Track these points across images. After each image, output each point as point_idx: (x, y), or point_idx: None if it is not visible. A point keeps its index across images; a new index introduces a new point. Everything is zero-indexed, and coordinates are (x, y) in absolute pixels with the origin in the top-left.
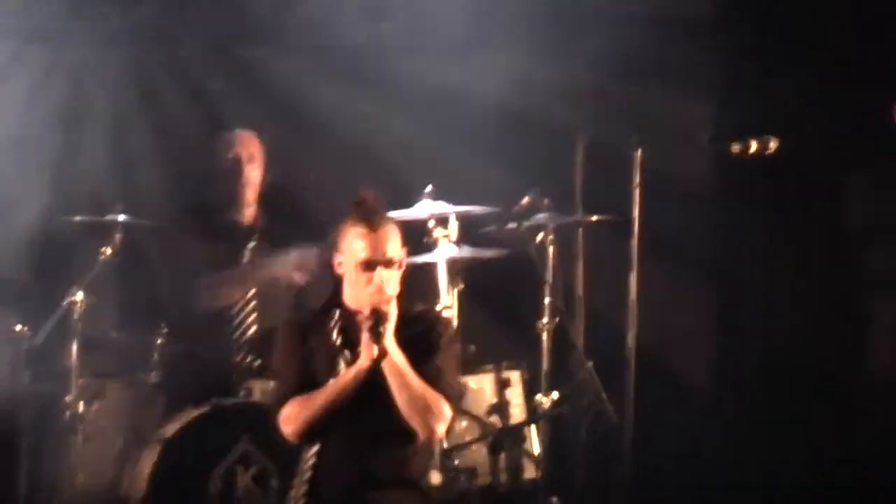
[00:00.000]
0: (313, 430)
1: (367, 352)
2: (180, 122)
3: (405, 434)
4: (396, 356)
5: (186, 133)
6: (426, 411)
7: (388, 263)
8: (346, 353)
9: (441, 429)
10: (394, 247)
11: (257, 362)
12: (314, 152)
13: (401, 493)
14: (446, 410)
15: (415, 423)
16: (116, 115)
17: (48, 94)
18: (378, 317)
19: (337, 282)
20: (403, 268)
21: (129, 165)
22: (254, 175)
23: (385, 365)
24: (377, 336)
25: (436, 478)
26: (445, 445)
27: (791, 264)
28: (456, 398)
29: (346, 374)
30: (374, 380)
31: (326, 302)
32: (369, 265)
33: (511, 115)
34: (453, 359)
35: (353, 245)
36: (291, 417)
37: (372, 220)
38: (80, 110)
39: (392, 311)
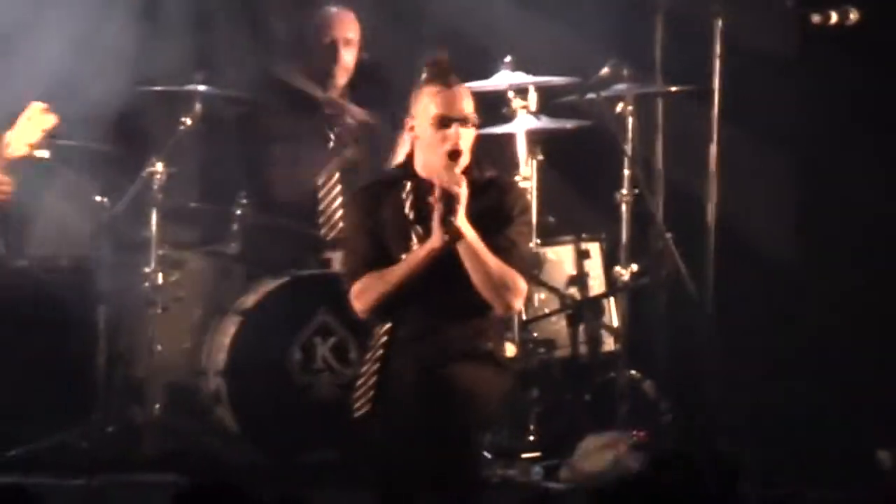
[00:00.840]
0: (385, 307)
1: (439, 233)
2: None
3: (479, 307)
4: (469, 235)
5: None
6: (502, 287)
7: (464, 120)
8: (418, 227)
9: (518, 304)
10: (468, 104)
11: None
12: (400, 28)
13: (476, 365)
14: (522, 284)
15: (490, 298)
16: None
17: None
18: (449, 199)
19: (409, 149)
20: (476, 130)
21: (211, 34)
22: (348, 59)
23: (458, 244)
24: (449, 220)
25: (511, 350)
26: (524, 317)
27: (871, 133)
28: (529, 269)
29: (418, 252)
30: (447, 255)
31: (398, 171)
32: (444, 121)
33: None
34: (526, 228)
35: (427, 104)
36: (363, 293)
37: (445, 79)
38: None
39: (463, 192)
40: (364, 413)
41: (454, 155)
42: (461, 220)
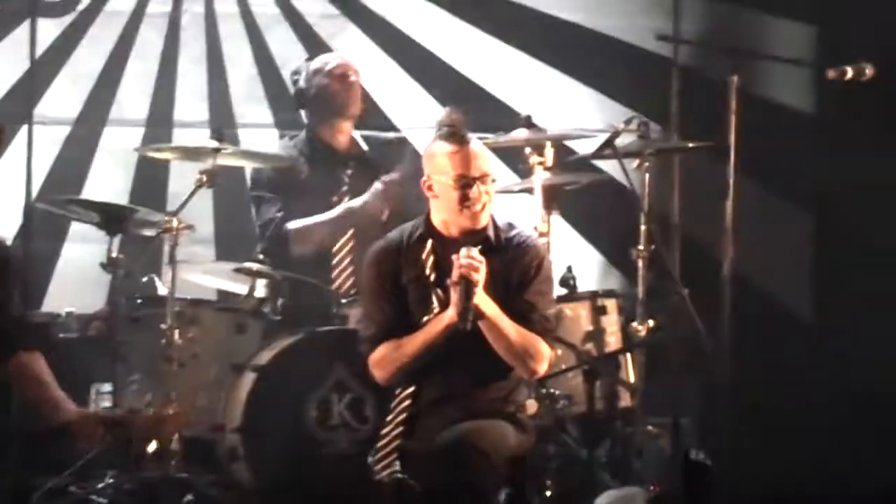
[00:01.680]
0: (404, 376)
1: (457, 310)
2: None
3: (502, 369)
4: (489, 311)
5: (285, 56)
6: (524, 355)
7: (483, 178)
8: (439, 290)
9: (541, 369)
10: (486, 162)
11: (353, 290)
12: (410, 77)
13: (499, 424)
14: (545, 350)
15: (514, 365)
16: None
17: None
18: (468, 285)
19: (427, 210)
20: (495, 187)
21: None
22: (354, 104)
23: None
24: (466, 308)
25: (533, 407)
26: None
27: (888, 189)
28: (551, 331)
29: (436, 325)
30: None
31: (416, 230)
32: (464, 181)
33: (607, 41)
34: (546, 287)
35: (444, 164)
36: (382, 364)
37: (461, 137)
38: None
39: (482, 276)
40: (387, 475)
41: (474, 217)
42: (480, 298)
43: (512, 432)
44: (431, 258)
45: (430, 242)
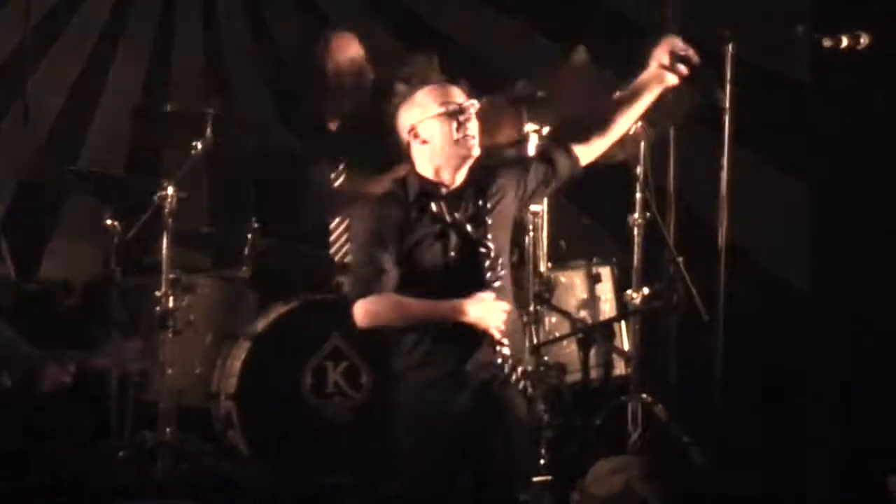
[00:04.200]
0: (392, 332)
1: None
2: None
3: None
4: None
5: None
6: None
7: (468, 107)
8: (452, 252)
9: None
10: (460, 93)
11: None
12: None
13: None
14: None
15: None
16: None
17: None
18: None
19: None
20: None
21: (222, 58)
22: (354, 85)
23: None
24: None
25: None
26: (535, 341)
27: (884, 157)
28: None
29: (447, 310)
30: (471, 277)
31: (413, 188)
32: (455, 109)
33: (604, 9)
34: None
35: (430, 102)
36: (374, 315)
37: (430, 77)
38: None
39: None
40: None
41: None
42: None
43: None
44: (437, 213)
45: (432, 200)
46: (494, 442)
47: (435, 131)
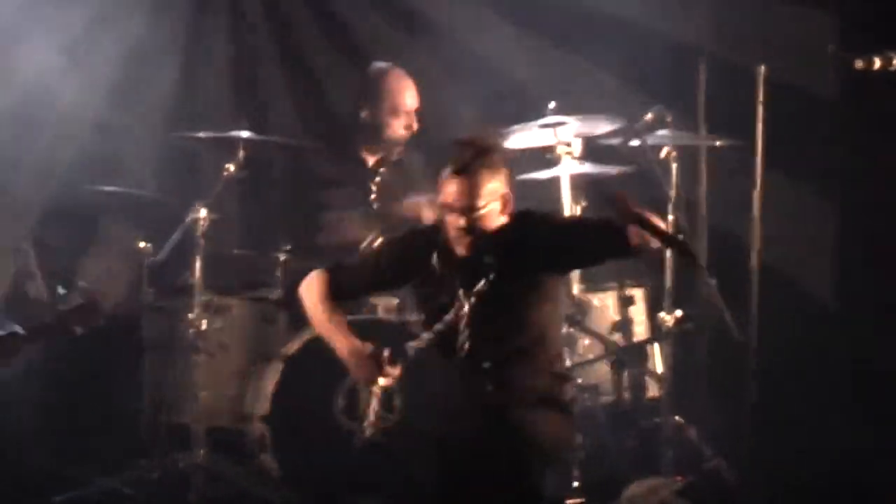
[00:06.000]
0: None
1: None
2: (315, 44)
3: (535, 348)
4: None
5: (322, 58)
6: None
7: (470, 211)
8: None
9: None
10: (475, 193)
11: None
12: (448, 75)
13: (540, 408)
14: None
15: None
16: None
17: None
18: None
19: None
20: (486, 210)
21: (254, 83)
22: (399, 119)
23: None
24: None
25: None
26: (569, 363)
27: None
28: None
29: (334, 336)
30: (501, 298)
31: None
32: (451, 210)
33: (637, 31)
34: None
35: (440, 188)
36: (309, 305)
37: (459, 164)
38: (206, 26)
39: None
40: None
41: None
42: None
43: (558, 418)
44: (450, 266)
45: (441, 253)
46: (504, 465)
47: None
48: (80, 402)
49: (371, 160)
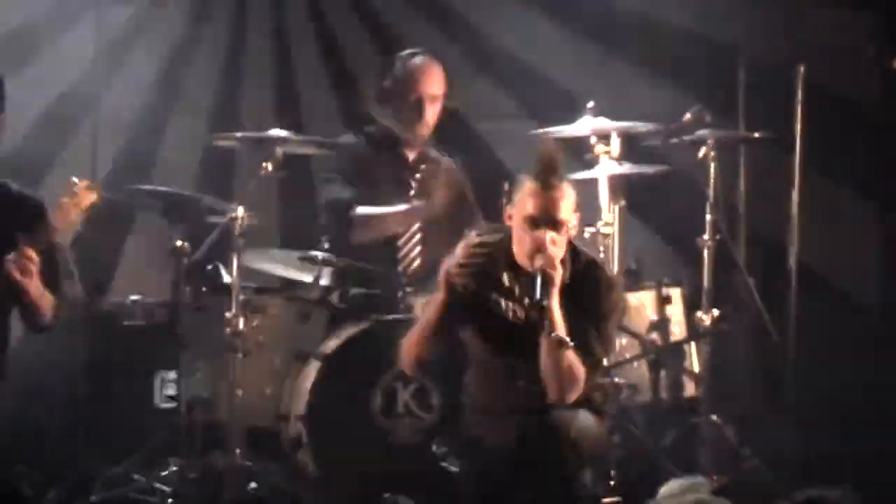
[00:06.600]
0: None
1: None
2: (349, 40)
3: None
4: (557, 320)
5: (356, 53)
6: (565, 381)
7: (555, 226)
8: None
9: (570, 399)
10: (565, 208)
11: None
12: (482, 72)
13: (575, 410)
14: (581, 382)
15: (549, 385)
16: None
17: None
18: (545, 277)
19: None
20: (572, 232)
21: (293, 81)
22: (432, 114)
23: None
24: (540, 301)
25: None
26: (606, 363)
27: None
28: (595, 361)
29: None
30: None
31: (497, 248)
32: (536, 223)
33: (675, 31)
34: (611, 315)
35: (524, 200)
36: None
37: (547, 178)
38: (245, 25)
39: (558, 276)
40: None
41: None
42: (554, 301)
43: (593, 420)
44: (506, 284)
45: (506, 271)
46: (546, 465)
47: (518, 227)
48: (117, 401)
49: (411, 156)
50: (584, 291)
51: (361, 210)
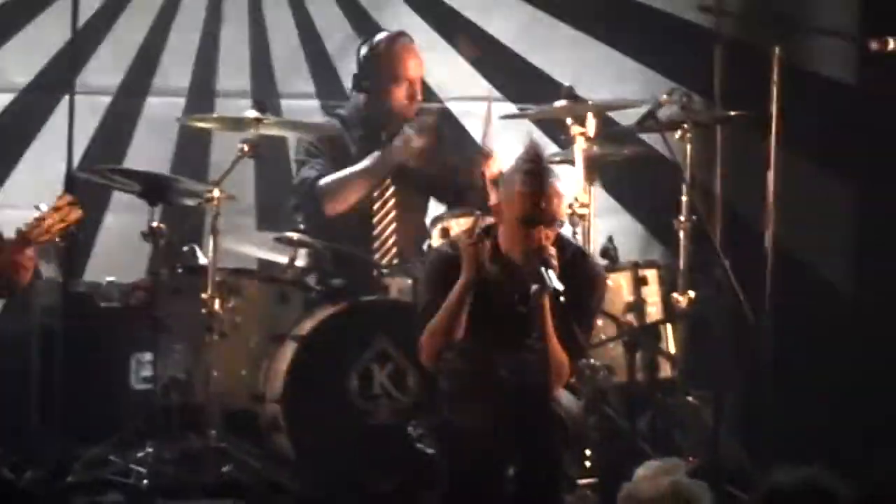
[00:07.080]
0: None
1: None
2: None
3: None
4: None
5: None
6: (551, 371)
7: (551, 222)
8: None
9: (558, 388)
10: (556, 205)
11: (395, 261)
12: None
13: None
14: (566, 372)
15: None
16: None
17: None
18: (545, 262)
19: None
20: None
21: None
22: (412, 95)
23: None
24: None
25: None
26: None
27: None
28: (579, 351)
29: (456, 287)
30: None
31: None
32: (529, 222)
33: (651, 11)
34: (598, 308)
35: (514, 197)
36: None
37: (540, 178)
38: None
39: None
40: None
41: (528, 256)
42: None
43: (573, 400)
44: (493, 272)
45: (492, 260)
46: (535, 444)
47: (507, 224)
48: (93, 382)
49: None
50: (572, 283)
51: (326, 178)
